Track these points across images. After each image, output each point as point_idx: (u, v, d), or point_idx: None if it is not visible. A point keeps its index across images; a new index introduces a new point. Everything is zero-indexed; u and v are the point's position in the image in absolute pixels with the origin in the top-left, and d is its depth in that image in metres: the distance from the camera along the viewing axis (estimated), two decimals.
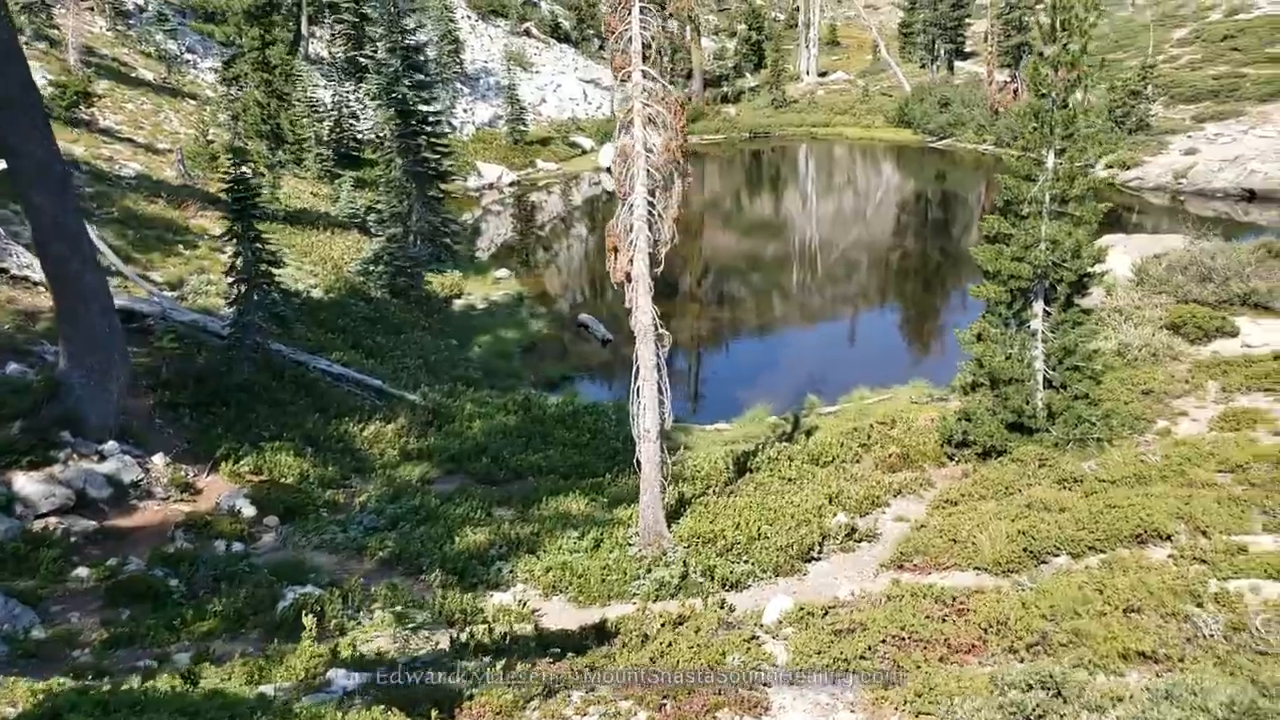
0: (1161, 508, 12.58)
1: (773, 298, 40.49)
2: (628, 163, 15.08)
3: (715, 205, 61.69)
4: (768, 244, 51.11)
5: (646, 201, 15.03)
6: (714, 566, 12.94)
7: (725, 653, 9.52)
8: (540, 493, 17.80)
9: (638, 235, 15.00)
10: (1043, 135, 17.17)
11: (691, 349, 33.28)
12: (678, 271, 45.01)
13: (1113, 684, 5.66)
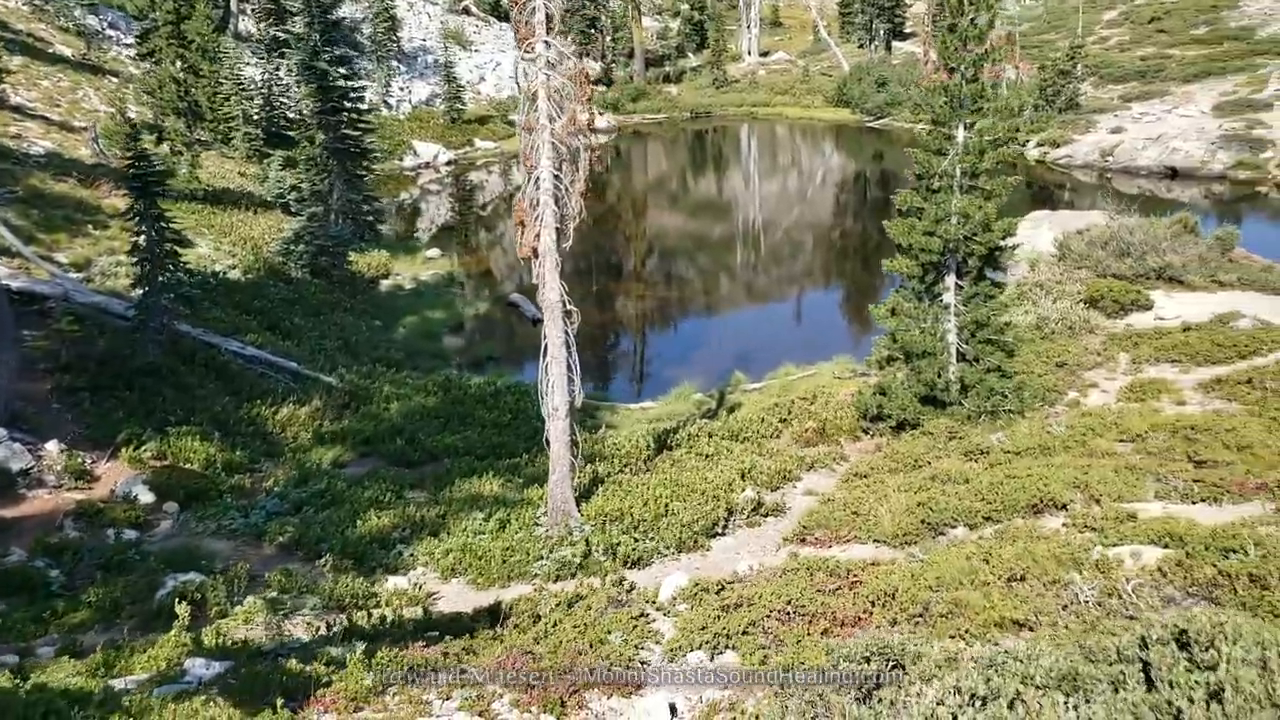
0: (1059, 478, 12.69)
1: (716, 277, 40.40)
2: (532, 136, 14.76)
3: (659, 185, 61.42)
4: (711, 224, 51.01)
5: (552, 175, 14.73)
6: (617, 544, 12.78)
7: (610, 631, 9.37)
8: (453, 474, 17.50)
9: (544, 210, 14.70)
10: (952, 109, 17.19)
11: (636, 329, 33.09)
12: (621, 251, 44.84)
13: (954, 652, 5.62)
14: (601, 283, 38.73)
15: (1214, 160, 43.96)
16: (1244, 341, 19.16)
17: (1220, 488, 11.89)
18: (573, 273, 41.06)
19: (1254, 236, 34.89)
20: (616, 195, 58.89)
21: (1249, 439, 13.31)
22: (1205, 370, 18.45)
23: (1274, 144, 43.82)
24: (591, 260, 43.57)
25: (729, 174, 65.01)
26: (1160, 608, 8.46)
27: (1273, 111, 47.34)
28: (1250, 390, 16.60)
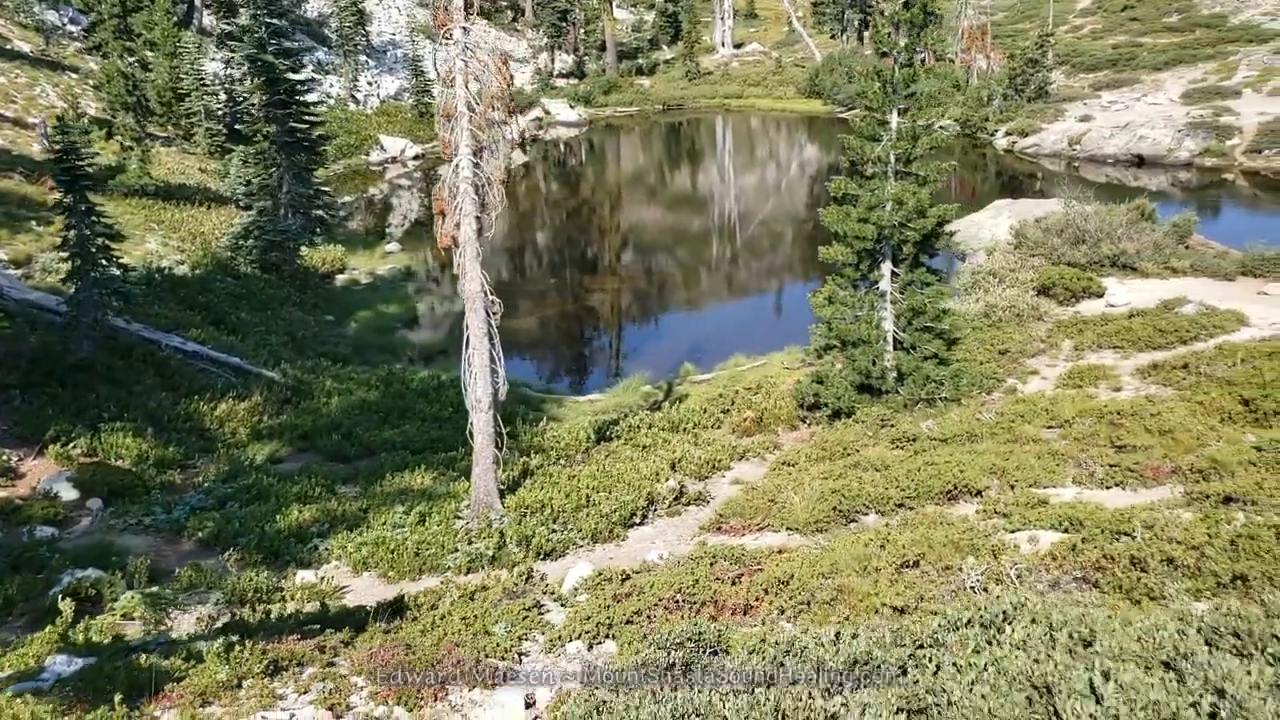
0: (978, 464, 12.57)
1: (688, 269, 40.20)
2: (451, 124, 14.53)
3: (632, 178, 61.12)
4: (684, 216, 50.75)
5: (471, 164, 14.51)
6: (531, 536, 12.61)
7: (498, 622, 9.20)
8: (385, 468, 17.28)
9: (463, 199, 14.48)
10: (886, 95, 17.04)
11: (601, 321, 32.87)
12: (593, 244, 44.60)
13: (761, 637, 5.48)
14: (572, 275, 38.53)
15: (1180, 148, 44.01)
16: (1185, 327, 19.10)
17: (1134, 472, 11.80)
18: (545, 266, 41.08)
19: (1215, 224, 35.05)
20: (590, 188, 58.69)
21: (1171, 423, 13.23)
22: (1145, 356, 18.39)
23: (1240, 131, 43.88)
24: (565, 254, 43.38)
25: (702, 166, 64.80)
26: (1045, 591, 8.34)
27: (1241, 99, 47.43)
28: (1186, 375, 16.54)
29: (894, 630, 4.73)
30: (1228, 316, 19.43)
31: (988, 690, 3.56)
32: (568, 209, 53.06)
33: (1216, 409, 13.79)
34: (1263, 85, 46.71)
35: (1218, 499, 10.22)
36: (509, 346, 29.57)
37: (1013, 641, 4.07)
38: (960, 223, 36.31)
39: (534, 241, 45.21)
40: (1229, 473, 11.10)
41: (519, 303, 33.98)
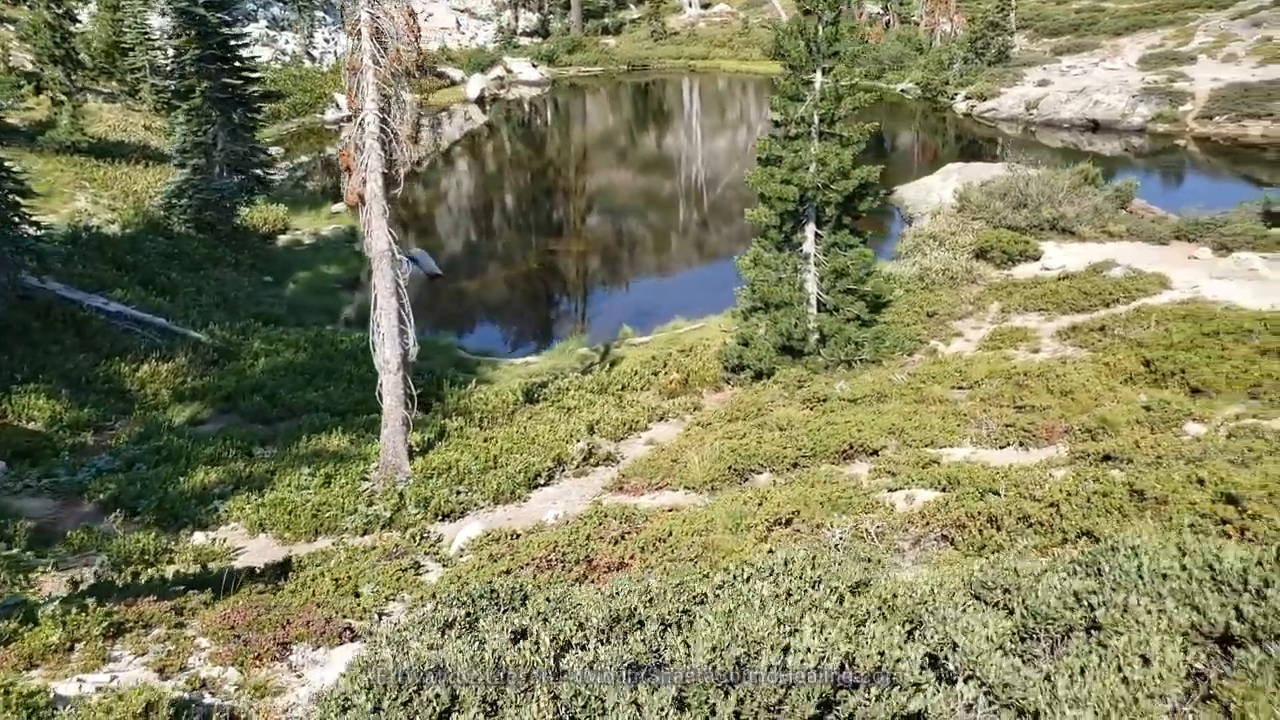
0: (879, 424, 12.61)
1: (653, 232, 39.88)
2: (357, 77, 14.20)
3: (597, 139, 60.39)
4: (650, 178, 50.27)
5: (378, 119, 14.20)
6: (430, 498, 12.52)
7: (370, 582, 9.13)
8: (303, 430, 17.10)
9: (369, 155, 14.20)
10: (810, 54, 16.84)
11: (554, 284, 32.59)
12: (559, 207, 44.12)
13: (561, 594, 5.45)
14: (531, 237, 38.11)
15: (1134, 113, 44.08)
16: (1109, 290, 19.22)
17: (1028, 432, 11.87)
18: (506, 227, 40.60)
19: (1162, 188, 35.25)
20: (555, 149, 58.01)
21: (1073, 384, 13.31)
22: (1068, 319, 18.50)
23: (1193, 97, 43.99)
24: (528, 216, 42.83)
25: (669, 128, 64.19)
26: (907, 549, 8.38)
27: (1196, 65, 47.50)
28: (1102, 337, 16.66)
29: (676, 585, 4.68)
30: (1152, 280, 19.57)
31: (706, 648, 3.52)
32: (532, 170, 52.44)
33: (1120, 370, 13.89)
34: (1218, 51, 46.80)
35: (1097, 457, 10.30)
36: (461, 308, 29.61)
37: (766, 595, 4.03)
38: (911, 186, 36.39)
39: (495, 203, 44.70)
40: (1116, 432, 11.19)
41: (476, 264, 33.68)
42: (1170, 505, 7.89)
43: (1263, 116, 38.80)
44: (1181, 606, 4.00)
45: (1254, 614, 3.86)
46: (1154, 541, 4.43)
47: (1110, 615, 3.99)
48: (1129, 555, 4.35)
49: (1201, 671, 3.79)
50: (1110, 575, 4.22)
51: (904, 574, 6.25)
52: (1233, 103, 40.42)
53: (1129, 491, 8.08)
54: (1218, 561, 4.17)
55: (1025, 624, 4.15)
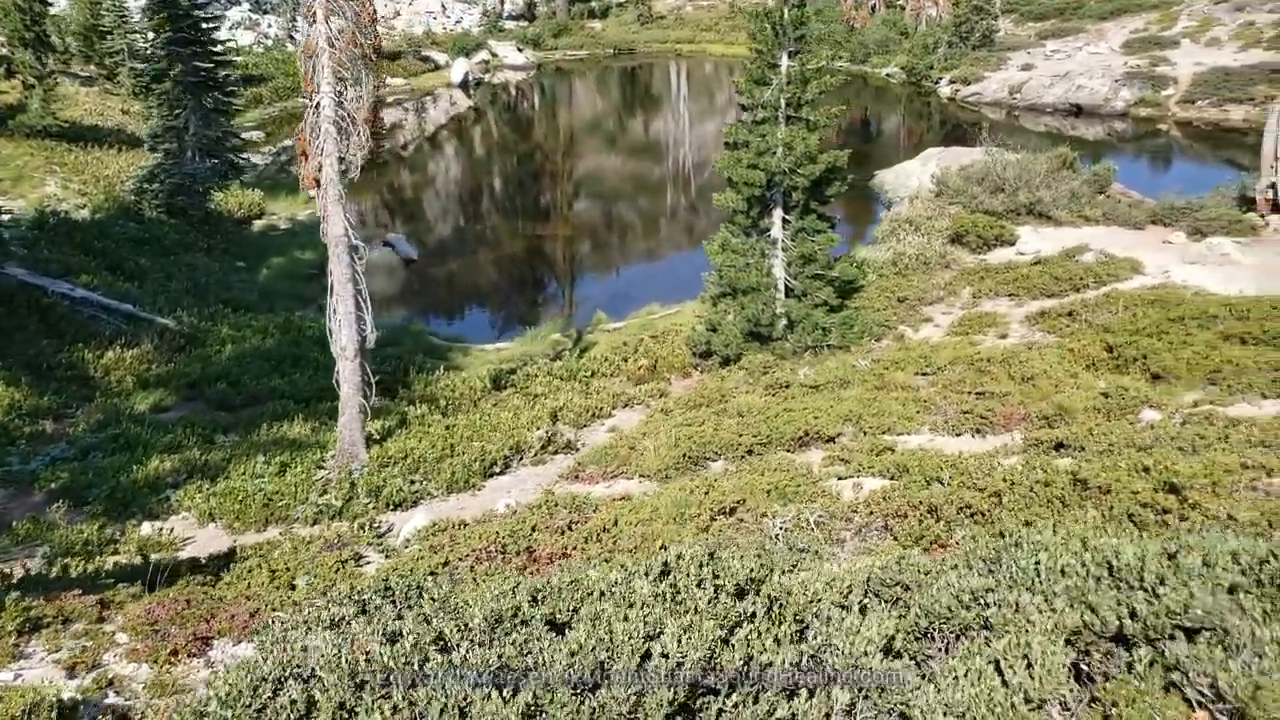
0: (837, 411, 12.48)
1: (640, 217, 39.59)
2: (313, 59, 13.95)
3: (584, 124, 59.89)
4: (638, 163, 49.83)
5: (334, 102, 13.96)
6: (382, 487, 12.37)
7: (305, 574, 8.99)
8: (266, 417, 16.92)
9: (325, 139, 13.97)
10: (776, 36, 16.62)
11: (549, 270, 32.32)
12: (545, 191, 43.75)
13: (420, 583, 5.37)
14: (515, 222, 37.77)
15: (1116, 98, 43.90)
16: (1081, 275, 19.12)
17: (986, 419, 11.77)
18: (491, 212, 40.24)
19: (1143, 173, 35.15)
20: (542, 134, 57.54)
21: (1035, 370, 13.21)
22: (1038, 303, 18.40)
23: (1175, 81, 43.83)
24: (515, 200, 42.43)
25: (656, 112, 63.73)
26: (849, 539, 8.26)
27: (1179, 49, 47.32)
28: (1070, 322, 16.56)
29: (574, 581, 4.54)
30: (1124, 265, 19.46)
31: (566, 653, 3.38)
32: (518, 154, 52.01)
33: (1084, 356, 13.79)
34: (1200, 35, 46.62)
35: (1050, 445, 10.20)
36: (437, 293, 29.34)
37: (647, 595, 3.89)
38: (891, 170, 36.23)
39: (480, 187, 44.35)
40: (1073, 419, 11.09)
41: (457, 249, 33.38)
42: (1113, 495, 7.78)
43: (1244, 101, 38.68)
44: (1076, 605, 3.87)
45: (1147, 612, 3.74)
46: (1056, 537, 4.30)
47: (1002, 615, 3.86)
48: (1030, 551, 4.23)
49: (1090, 673, 3.67)
50: (1006, 572, 4.09)
51: (832, 566, 6.13)
52: (1214, 87, 40.29)
53: (1072, 481, 7.97)
54: (1116, 558, 4.04)
55: (919, 623, 4.02)
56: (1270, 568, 3.82)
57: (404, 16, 71.66)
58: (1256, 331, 12.98)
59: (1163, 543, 4.40)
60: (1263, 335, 12.78)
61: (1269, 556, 3.92)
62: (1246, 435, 9.34)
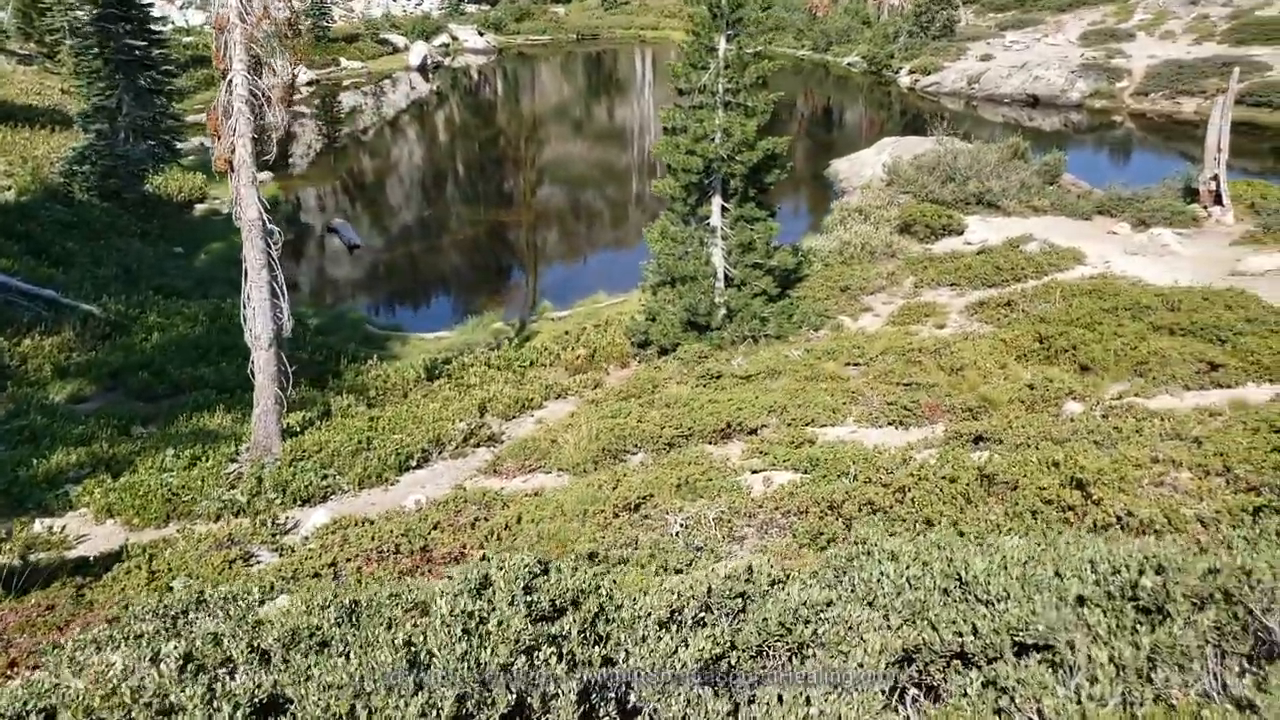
0: (762, 402, 12.20)
1: (604, 205, 39.03)
2: (224, 36, 13.37)
3: (547, 110, 59.07)
4: (603, 150, 49.20)
5: (247, 80, 13.40)
6: (289, 482, 11.90)
7: (189, 575, 8.56)
8: (187, 408, 16.34)
9: (238, 119, 13.40)
10: (713, 19, 16.24)
11: (505, 258, 31.72)
12: (506, 178, 43.05)
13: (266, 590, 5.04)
14: (469, 208, 37.07)
15: (1072, 89, 44.06)
16: (1022, 265, 19.00)
17: (910, 411, 11.53)
18: (449, 199, 39.48)
19: (1096, 164, 35.22)
20: (504, 119, 56.74)
21: (964, 361, 13.01)
22: (978, 293, 18.24)
23: (1130, 73, 44.07)
24: (474, 187, 41.67)
25: (621, 99, 63.11)
26: (750, 535, 7.97)
27: (1134, 41, 47.62)
28: (1008, 313, 16.40)
29: (393, 594, 4.17)
30: (1066, 255, 19.38)
31: (318, 687, 3.02)
32: (478, 140, 51.24)
33: (1016, 346, 13.62)
34: (1155, 28, 46.91)
35: (970, 438, 9.98)
36: (381, 280, 28.68)
37: (447, 614, 3.54)
38: (845, 159, 36.06)
39: (439, 173, 43.58)
40: (996, 411, 10.88)
41: (409, 235, 32.68)
42: (1019, 490, 7.55)
43: (1195, 94, 38.93)
44: (918, 620, 3.57)
45: (988, 629, 3.44)
46: (910, 546, 4.00)
47: (836, 632, 3.55)
48: (878, 561, 3.92)
49: (918, 697, 3.37)
50: (849, 585, 3.78)
51: (717, 565, 5.83)
52: (1168, 80, 40.52)
53: (979, 477, 7.72)
54: (965, 570, 3.74)
55: (752, 641, 3.70)
56: (1122, 578, 3.54)
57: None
58: (1185, 323, 12.87)
59: (1027, 549, 4.12)
60: (1191, 326, 12.66)
61: (1123, 565, 3.64)
62: (1162, 428, 9.16)
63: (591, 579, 3.88)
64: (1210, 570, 3.37)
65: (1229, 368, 11.40)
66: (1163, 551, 3.56)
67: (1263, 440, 7.90)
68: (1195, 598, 3.32)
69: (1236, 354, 11.65)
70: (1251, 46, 41.71)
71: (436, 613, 3.48)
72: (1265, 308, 13.61)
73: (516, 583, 3.69)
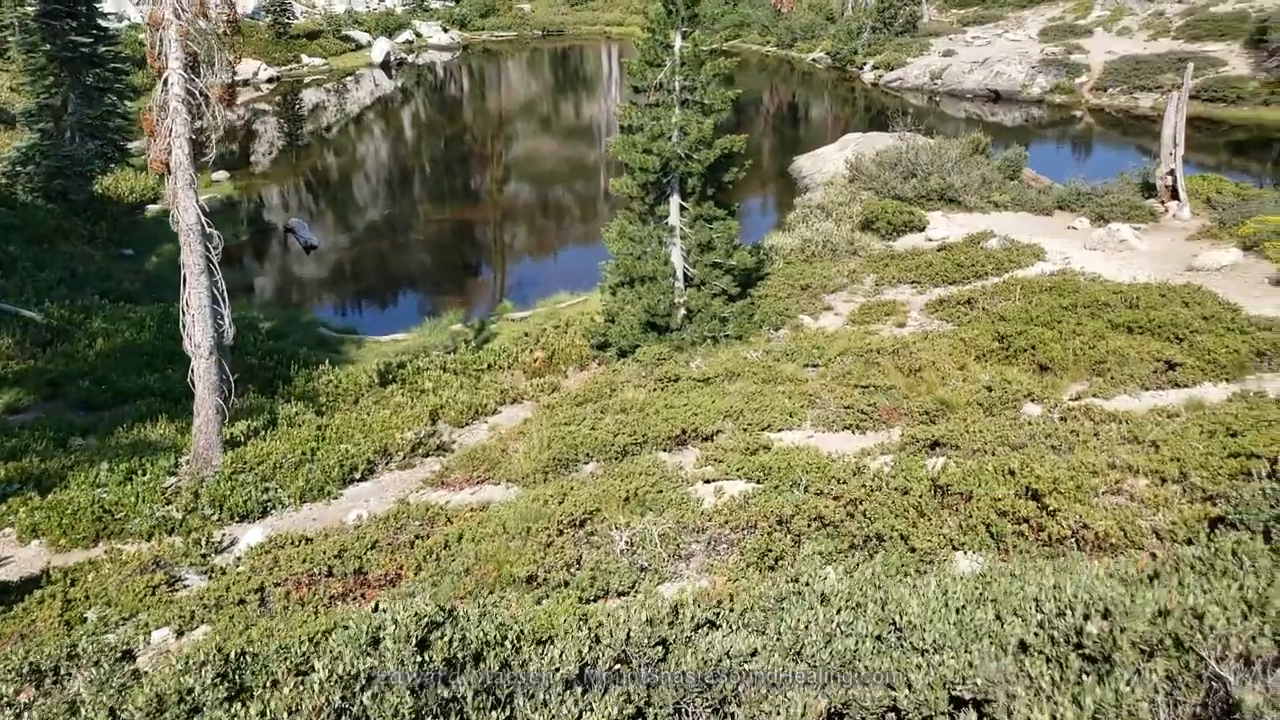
0: (718, 407, 11.92)
1: (571, 202, 38.58)
2: (159, 32, 12.85)
3: (514, 106, 58.41)
4: (571, 147, 48.64)
5: (183, 78, 12.88)
6: (227, 497, 11.45)
7: (110, 604, 8.13)
8: (128, 418, 15.79)
9: (174, 118, 12.89)
10: (669, 15, 15.92)
11: (467, 256, 31.17)
12: (471, 175, 42.43)
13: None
14: (435, 206, 36.44)
15: (1033, 84, 44.23)
16: (982, 262, 18.88)
17: (868, 415, 11.30)
18: (408, 196, 38.81)
19: (1056, 158, 35.35)
20: (470, 116, 56.08)
21: (923, 362, 12.80)
22: (939, 291, 18.09)
23: (1089, 69, 44.31)
24: (441, 185, 40.98)
25: (588, 95, 62.58)
26: (698, 552, 7.67)
27: (1092, 37, 47.90)
28: (968, 310, 16.24)
29: (282, 648, 3.81)
30: (1026, 251, 19.29)
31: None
32: (445, 136, 50.55)
33: (975, 346, 13.44)
34: (1113, 24, 47.20)
35: (926, 443, 9.75)
36: (339, 281, 28.06)
37: (328, 679, 3.20)
38: (808, 156, 35.92)
39: (403, 170, 42.87)
40: (953, 414, 10.67)
41: (368, 234, 32.01)
42: (974, 502, 7.31)
43: (1152, 89, 39.19)
44: (847, 672, 3.27)
45: (922, 683, 3.16)
46: (844, 585, 3.71)
47: (758, 690, 3.24)
48: (810, 605, 3.62)
49: None
50: (776, 632, 3.48)
51: (664, 589, 5.51)
52: (1125, 75, 40.76)
53: (933, 488, 7.48)
54: (900, 614, 3.45)
55: (668, 699, 3.39)
56: (1067, 622, 3.27)
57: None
58: (1143, 320, 12.75)
59: (967, 589, 3.84)
60: (1149, 324, 12.54)
61: (1068, 607, 3.37)
62: (1120, 432, 8.98)
63: (497, 630, 3.56)
64: (1160, 612, 3.11)
65: (1186, 367, 11.28)
66: (1110, 592, 3.30)
67: (1219, 445, 7.73)
68: (1144, 645, 3.06)
69: (1193, 352, 11.54)
70: (1205, 42, 42.09)
71: (316, 677, 3.14)
72: (1221, 304, 13.54)
73: (408, 641, 3.35)
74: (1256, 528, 5.32)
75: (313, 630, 6.15)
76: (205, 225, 13.27)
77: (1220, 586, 3.37)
